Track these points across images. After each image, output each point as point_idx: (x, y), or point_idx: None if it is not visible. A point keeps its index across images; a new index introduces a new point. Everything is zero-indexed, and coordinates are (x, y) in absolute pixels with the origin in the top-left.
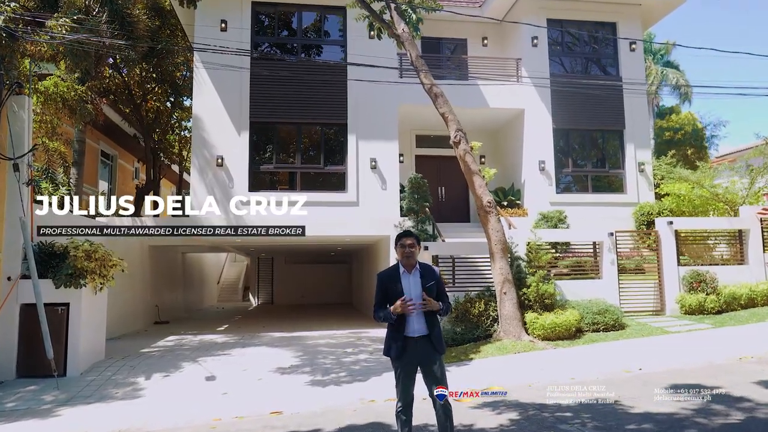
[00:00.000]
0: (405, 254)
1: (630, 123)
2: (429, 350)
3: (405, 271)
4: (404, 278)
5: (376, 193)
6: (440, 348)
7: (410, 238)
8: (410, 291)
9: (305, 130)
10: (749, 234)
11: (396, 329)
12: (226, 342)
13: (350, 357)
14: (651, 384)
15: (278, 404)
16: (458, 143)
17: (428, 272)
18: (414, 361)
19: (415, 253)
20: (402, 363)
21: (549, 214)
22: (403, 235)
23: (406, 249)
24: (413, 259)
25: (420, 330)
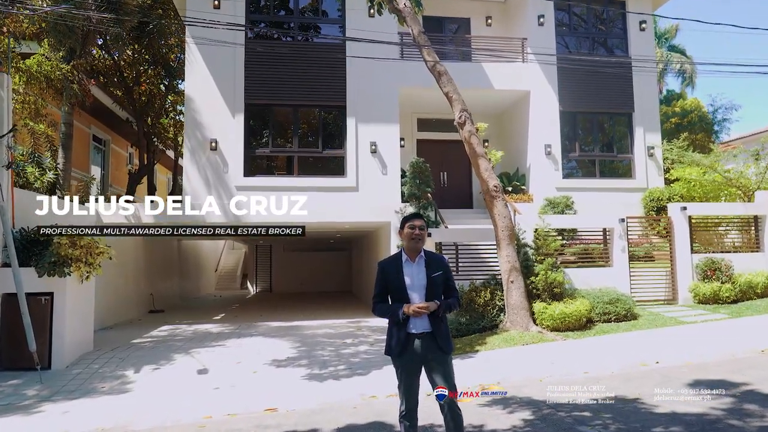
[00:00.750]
0: (413, 237)
1: (639, 106)
2: (433, 349)
3: (408, 259)
4: (407, 267)
5: (377, 179)
6: (447, 347)
7: (420, 220)
8: (413, 281)
9: (302, 112)
10: (765, 220)
11: (397, 324)
12: (222, 332)
13: (349, 348)
14: (671, 379)
15: (273, 400)
16: (463, 124)
17: (435, 261)
18: (417, 361)
19: (424, 239)
20: (403, 362)
21: (555, 199)
22: (412, 217)
23: (415, 231)
24: (420, 245)
25: (423, 326)
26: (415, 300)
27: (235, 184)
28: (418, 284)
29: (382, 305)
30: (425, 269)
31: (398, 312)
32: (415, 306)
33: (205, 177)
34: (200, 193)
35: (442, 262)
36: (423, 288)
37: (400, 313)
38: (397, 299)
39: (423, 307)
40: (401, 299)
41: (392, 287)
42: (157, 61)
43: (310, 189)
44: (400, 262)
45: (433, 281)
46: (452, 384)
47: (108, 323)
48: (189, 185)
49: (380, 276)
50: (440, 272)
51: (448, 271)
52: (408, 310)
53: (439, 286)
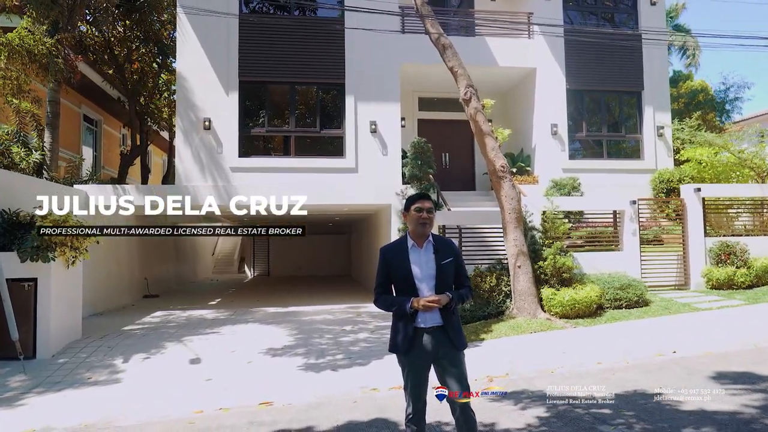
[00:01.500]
0: (421, 220)
1: (649, 84)
2: (445, 345)
3: (415, 245)
4: (414, 253)
5: (377, 159)
6: (460, 342)
7: (428, 201)
8: (421, 270)
9: (300, 90)
10: None
11: (403, 318)
12: (216, 318)
13: (349, 336)
14: (693, 372)
15: (268, 393)
16: (468, 100)
17: (445, 246)
18: (426, 359)
19: (432, 222)
20: (410, 360)
21: (561, 181)
22: (419, 198)
23: (423, 214)
24: (429, 229)
25: (434, 319)
26: (424, 291)
27: (230, 165)
28: (427, 273)
29: (385, 297)
30: (434, 256)
31: (405, 306)
32: (425, 299)
33: (199, 158)
34: (193, 175)
35: (452, 248)
36: (432, 278)
37: (408, 307)
38: (403, 290)
39: (434, 301)
40: (408, 291)
41: (397, 277)
42: (149, 38)
43: (308, 170)
44: (405, 248)
45: (443, 269)
46: (466, 384)
47: (99, 309)
48: (181, 166)
49: (383, 264)
50: (450, 259)
51: (458, 258)
52: (417, 304)
53: (449, 274)
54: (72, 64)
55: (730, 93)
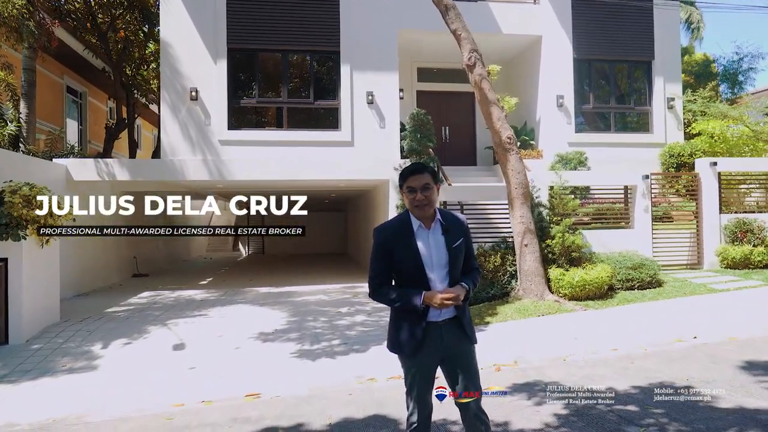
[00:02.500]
0: (417, 202)
1: (660, 53)
2: (458, 340)
3: (422, 226)
4: (421, 235)
5: (374, 132)
6: (474, 334)
7: (425, 174)
8: (432, 257)
9: (292, 59)
10: None
11: (410, 315)
12: (206, 299)
13: (345, 319)
14: (719, 360)
15: (256, 383)
16: (473, 66)
17: (454, 225)
18: (435, 357)
19: (434, 198)
20: (418, 362)
21: (567, 155)
22: (412, 171)
23: (417, 195)
24: (428, 210)
25: (446, 311)
26: (435, 283)
27: (219, 138)
28: (438, 261)
29: (385, 290)
30: (444, 238)
31: (416, 302)
32: (442, 296)
33: (185, 130)
34: (180, 149)
35: (461, 226)
36: (444, 266)
37: (419, 303)
38: (410, 282)
39: (452, 298)
40: (418, 282)
41: (403, 265)
42: (134, 4)
43: (302, 144)
44: (411, 230)
45: (455, 255)
46: (478, 383)
47: (84, 289)
48: (167, 139)
49: (380, 249)
50: (461, 240)
51: (468, 237)
52: (433, 301)
53: (461, 258)
54: (48, 28)
55: (743, 63)
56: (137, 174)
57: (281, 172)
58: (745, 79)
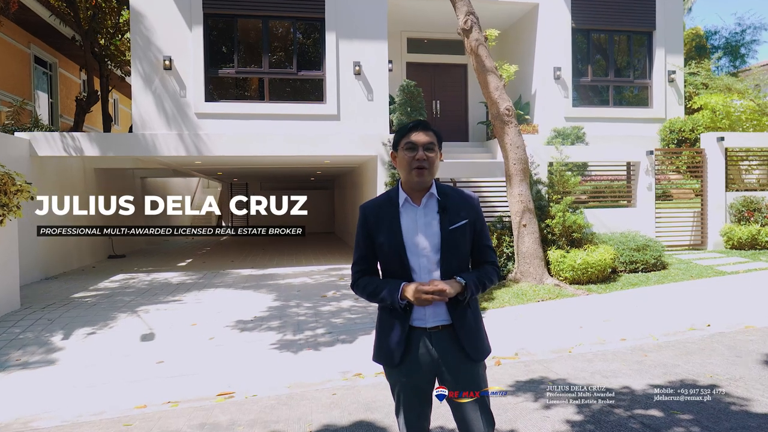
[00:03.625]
0: (416, 163)
1: (661, 22)
2: (453, 355)
3: (408, 199)
4: (407, 213)
5: (361, 105)
6: (477, 350)
7: (429, 132)
8: (418, 239)
9: (273, 25)
10: None
11: (392, 312)
12: (183, 282)
13: (330, 305)
14: (741, 352)
15: (230, 380)
16: (469, 31)
17: (456, 201)
18: (426, 373)
19: (435, 164)
20: (402, 377)
21: (564, 130)
22: (413, 127)
23: (418, 153)
24: (429, 177)
25: (437, 315)
26: (419, 274)
27: (196, 111)
28: (427, 245)
29: (366, 281)
30: (438, 217)
31: (394, 296)
32: (424, 287)
33: (159, 102)
34: (153, 122)
35: (468, 203)
36: (435, 250)
37: (397, 297)
38: (391, 270)
39: (435, 291)
40: (398, 271)
41: (383, 250)
42: None
43: (284, 117)
44: (395, 204)
45: (452, 239)
46: (490, 418)
47: (53, 272)
48: (139, 112)
49: (361, 231)
50: (464, 221)
51: (479, 219)
52: (411, 294)
53: (462, 245)
54: None
55: (746, 35)
56: (107, 149)
57: (263, 148)
58: (748, 52)
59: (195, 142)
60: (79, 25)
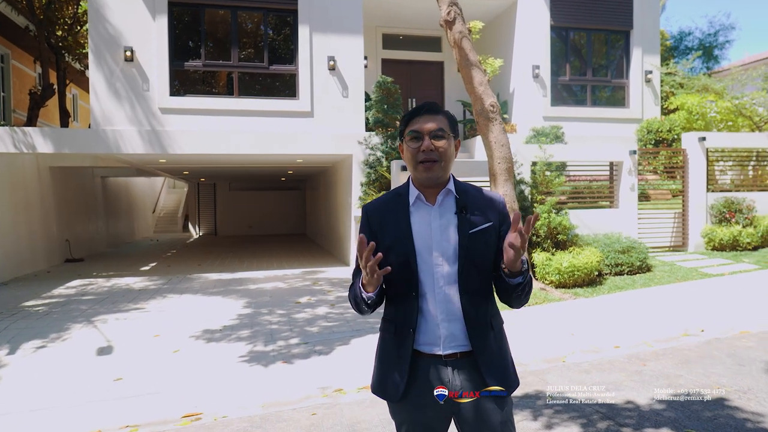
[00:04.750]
0: (424, 154)
1: (639, 22)
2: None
3: (421, 197)
4: (419, 213)
5: (336, 102)
6: (503, 384)
7: (438, 116)
8: (432, 242)
9: (243, 16)
10: None
11: (394, 334)
12: (146, 288)
13: (305, 311)
14: (743, 361)
15: (197, 399)
16: (452, 23)
17: (480, 201)
18: (439, 414)
19: (449, 155)
20: (407, 414)
21: (543, 129)
22: (420, 110)
23: (424, 142)
24: (444, 171)
25: (453, 339)
26: (434, 287)
27: (160, 106)
28: (442, 250)
29: (351, 289)
30: (456, 219)
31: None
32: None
33: (120, 96)
34: (114, 117)
35: (493, 203)
36: (452, 259)
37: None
38: (395, 282)
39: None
40: (404, 282)
41: (388, 256)
42: None
43: (255, 113)
44: (405, 203)
45: (474, 244)
46: None
47: (2, 278)
48: (98, 105)
49: (364, 233)
50: (489, 224)
51: (506, 223)
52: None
53: (486, 254)
54: None
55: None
56: (63, 146)
57: (232, 146)
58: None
59: (159, 139)
60: (33, 14)
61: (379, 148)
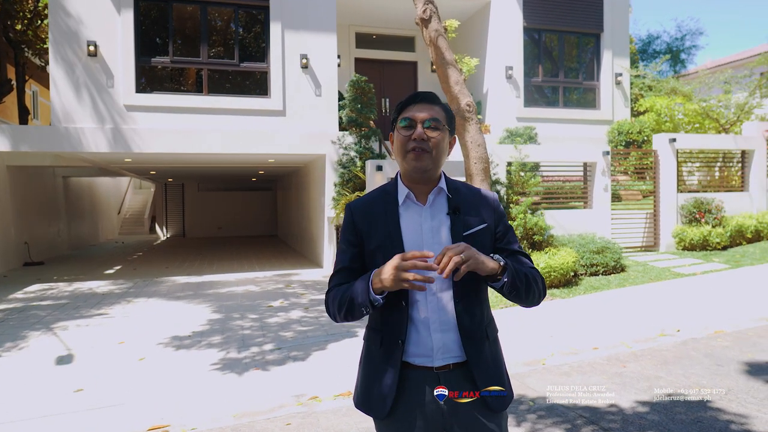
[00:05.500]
0: (416, 143)
1: (609, 25)
2: (470, 403)
3: (411, 196)
4: (409, 214)
5: (309, 101)
6: (500, 397)
7: (435, 106)
8: (423, 245)
9: (213, 12)
10: (753, 156)
11: (381, 345)
12: (110, 292)
13: (278, 315)
14: (721, 361)
15: (163, 410)
16: (428, 21)
17: (472, 201)
18: (430, 430)
19: (442, 148)
20: (397, 430)
21: (517, 130)
22: (413, 100)
23: (416, 131)
24: (435, 166)
25: (447, 350)
26: (427, 295)
27: (125, 103)
28: (434, 252)
29: (337, 290)
30: (449, 220)
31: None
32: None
33: (83, 92)
34: (76, 114)
35: (486, 202)
36: None
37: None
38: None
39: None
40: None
41: (375, 260)
42: None
43: (225, 112)
44: (393, 202)
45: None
46: None
47: None
48: (59, 102)
49: (346, 235)
50: (484, 225)
51: (502, 222)
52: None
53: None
54: None
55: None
56: (21, 143)
57: (201, 145)
58: (688, 56)
59: (124, 138)
60: None
61: (352, 147)
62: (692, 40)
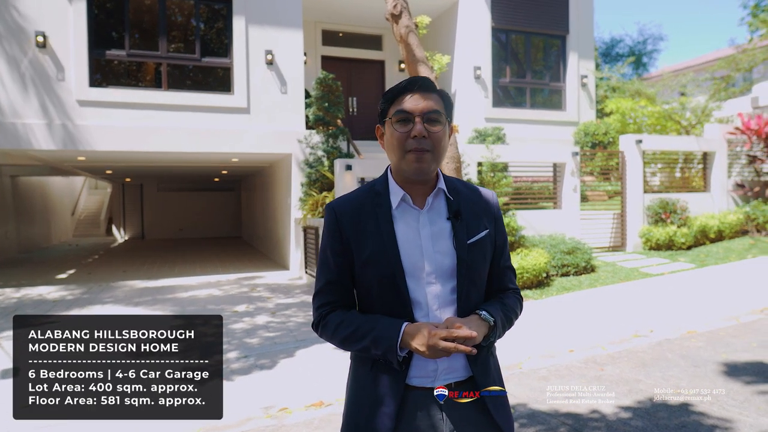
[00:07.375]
0: (416, 141)
1: (574, 26)
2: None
3: (407, 199)
4: (404, 219)
5: (274, 98)
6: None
7: (432, 95)
8: (423, 255)
9: (173, 3)
10: (714, 157)
11: (373, 368)
12: (62, 299)
13: (243, 321)
14: (697, 362)
15: (120, 425)
16: (398, 17)
17: (473, 204)
18: None
19: (443, 145)
20: None
21: (485, 131)
22: (409, 88)
23: (415, 126)
24: (435, 164)
25: (452, 369)
26: (429, 310)
27: (77, 98)
28: (436, 267)
29: (339, 317)
30: (450, 225)
31: (389, 341)
32: (441, 332)
33: (30, 86)
34: (22, 109)
35: (487, 204)
36: (448, 275)
37: (396, 345)
38: (380, 304)
39: (463, 337)
40: (392, 305)
41: (366, 272)
42: None
43: (185, 108)
44: (386, 204)
45: (472, 257)
46: None
47: None
48: (4, 96)
49: (330, 242)
50: (486, 231)
51: (500, 230)
52: (420, 342)
53: (483, 268)
54: None
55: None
56: None
57: (161, 143)
58: (650, 60)
59: (77, 135)
60: None
61: (320, 147)
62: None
